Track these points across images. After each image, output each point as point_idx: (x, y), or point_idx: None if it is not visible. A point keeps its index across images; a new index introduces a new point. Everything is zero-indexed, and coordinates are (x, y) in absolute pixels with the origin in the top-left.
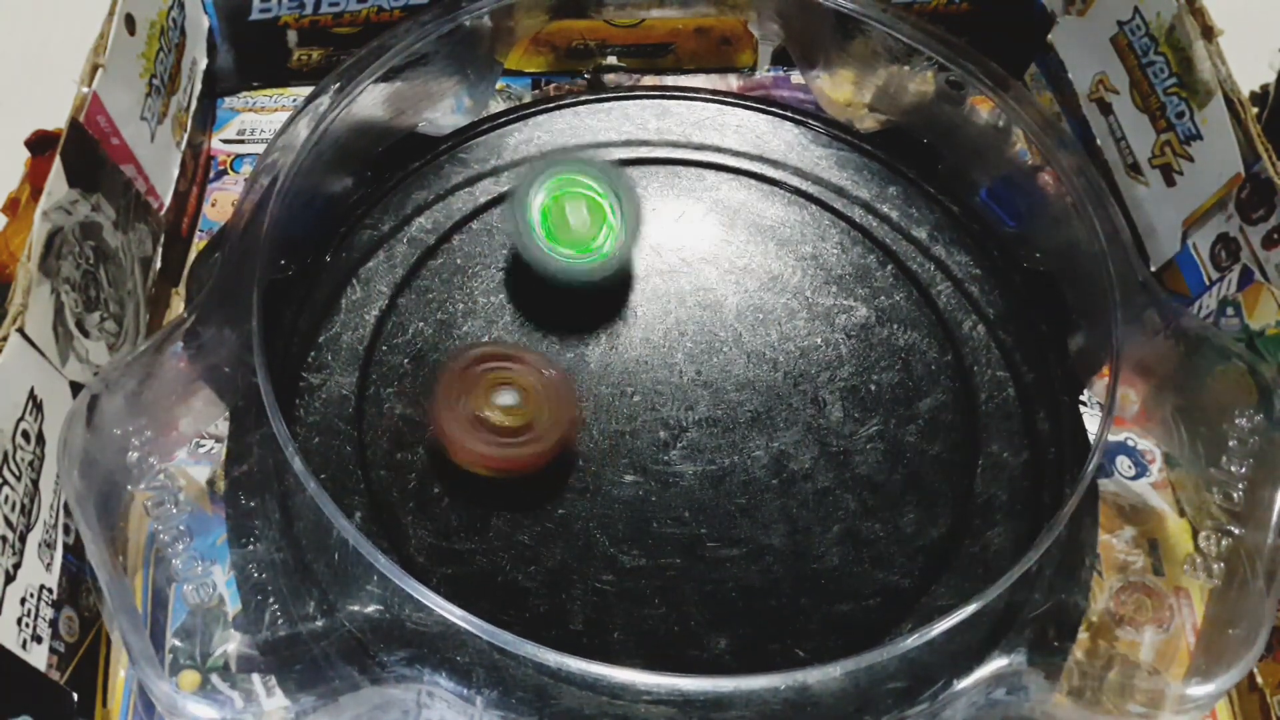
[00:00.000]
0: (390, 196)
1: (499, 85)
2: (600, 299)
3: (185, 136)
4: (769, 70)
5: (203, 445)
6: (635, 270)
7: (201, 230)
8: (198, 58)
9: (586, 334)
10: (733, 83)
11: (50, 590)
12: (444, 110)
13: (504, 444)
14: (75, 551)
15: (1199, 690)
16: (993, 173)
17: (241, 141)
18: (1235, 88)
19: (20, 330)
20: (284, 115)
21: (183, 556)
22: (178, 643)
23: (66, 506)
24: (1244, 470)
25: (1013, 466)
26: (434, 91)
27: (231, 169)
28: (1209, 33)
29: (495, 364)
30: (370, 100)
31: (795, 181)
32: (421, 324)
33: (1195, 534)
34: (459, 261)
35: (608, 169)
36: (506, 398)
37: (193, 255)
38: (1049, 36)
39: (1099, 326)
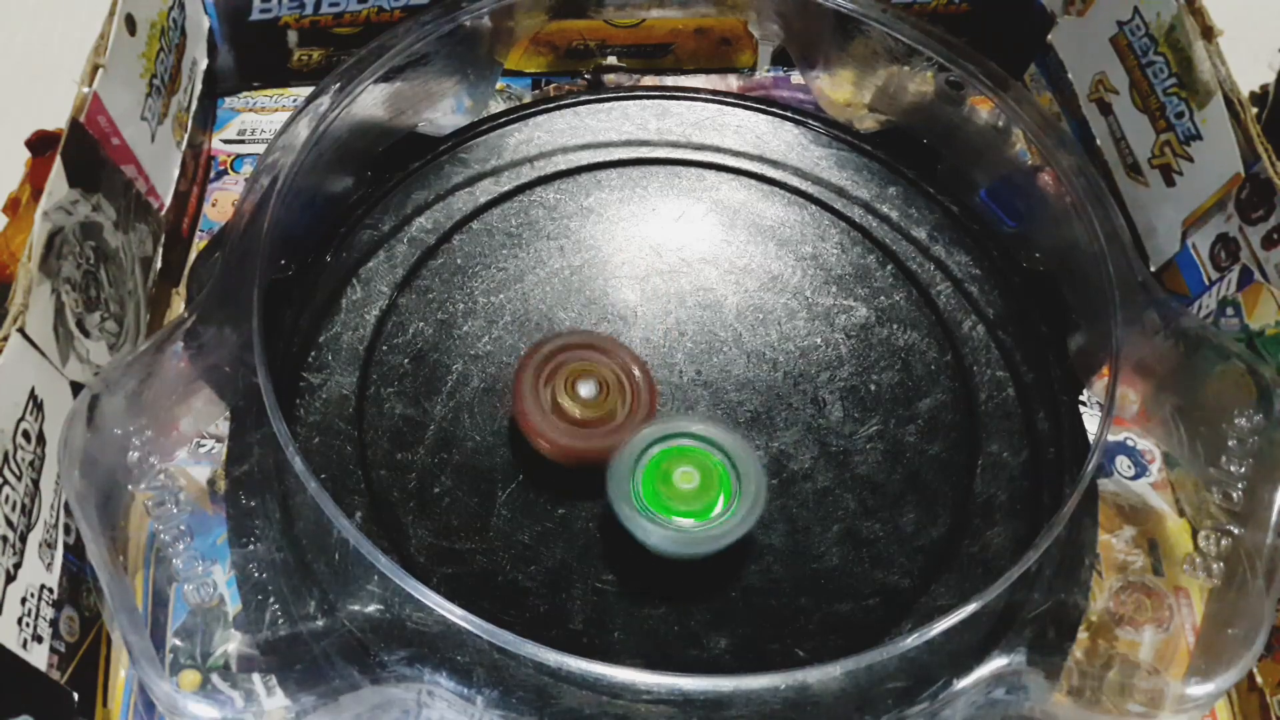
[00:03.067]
0: (390, 196)
1: (499, 85)
2: (601, 299)
3: (186, 136)
4: (769, 70)
5: (203, 445)
6: (635, 270)
7: (202, 230)
8: (198, 58)
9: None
10: (733, 83)
11: (51, 590)
12: (444, 110)
13: (583, 434)
14: (76, 551)
15: (1199, 690)
16: (992, 173)
17: (242, 141)
18: (1235, 88)
19: (21, 330)
20: (284, 115)
21: (183, 556)
22: (178, 642)
23: (67, 506)
24: (1244, 470)
25: (1012, 466)
26: (434, 91)
27: (232, 169)
28: (1209, 33)
29: (577, 353)
30: (370, 100)
31: (795, 181)
32: (421, 324)
33: (1195, 534)
34: (459, 261)
35: (716, 430)
36: (586, 388)
37: (193, 255)
38: (1049, 36)
39: (1099, 326)
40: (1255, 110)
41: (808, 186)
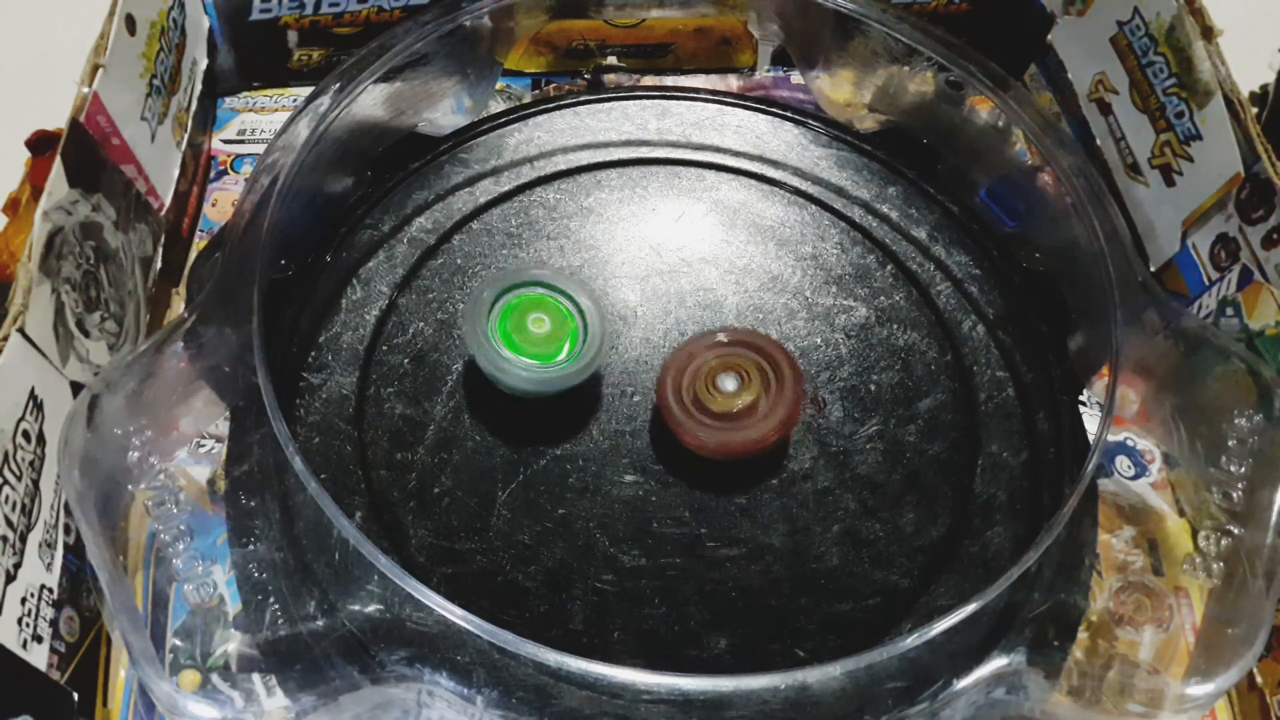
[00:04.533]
0: (390, 196)
1: (499, 85)
2: (601, 299)
3: (186, 136)
4: (769, 70)
5: (203, 445)
6: (635, 270)
7: (202, 230)
8: (198, 58)
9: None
10: (733, 83)
11: (51, 590)
12: (444, 110)
13: (725, 428)
14: (76, 551)
15: (1198, 690)
16: (992, 173)
17: (242, 141)
18: (1235, 88)
19: (21, 330)
20: (284, 115)
21: (183, 556)
22: (178, 642)
23: (67, 506)
24: (1244, 470)
25: (1012, 466)
26: (434, 91)
27: (232, 169)
28: (1209, 33)
29: (721, 349)
30: (370, 100)
31: (795, 181)
32: (421, 324)
33: (1195, 534)
34: (459, 261)
35: (563, 276)
36: (728, 382)
37: (193, 255)
38: (1049, 37)
39: (1099, 326)
40: (1255, 110)
41: (808, 186)
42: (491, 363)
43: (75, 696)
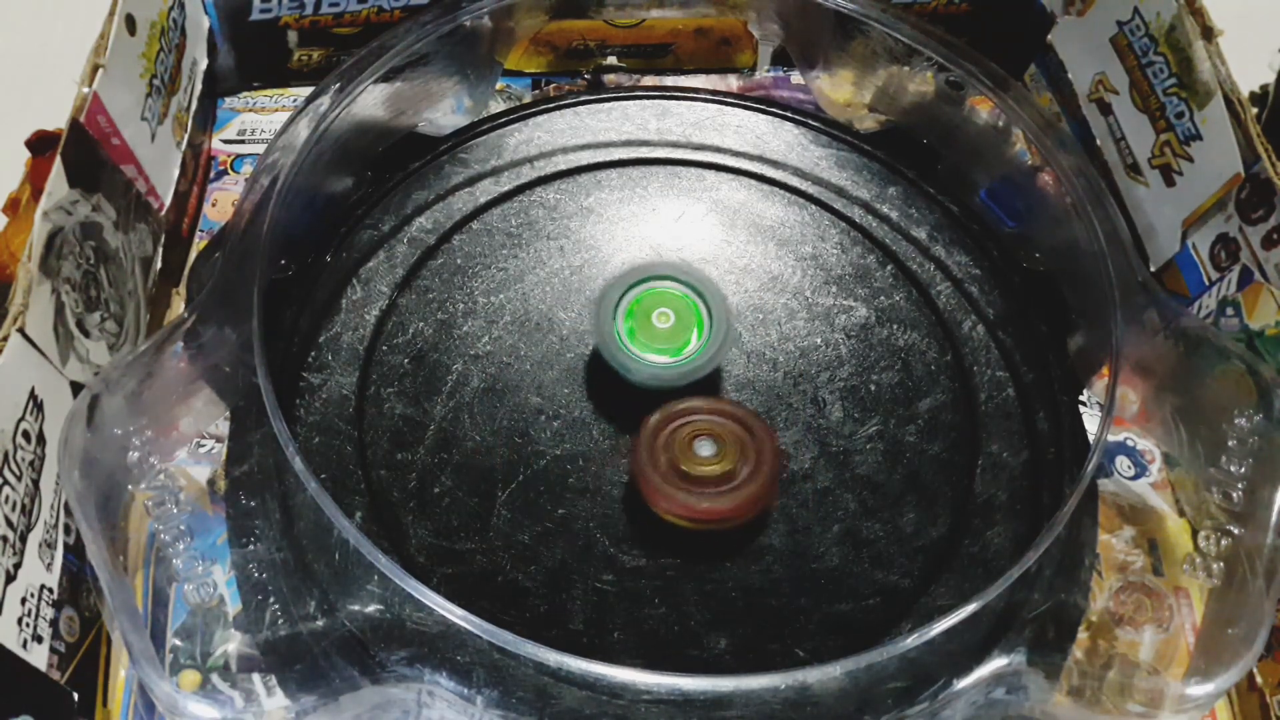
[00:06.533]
0: (390, 196)
1: (499, 85)
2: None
3: (186, 137)
4: (769, 70)
5: (203, 445)
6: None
7: (202, 230)
8: (198, 58)
9: (587, 335)
10: (733, 83)
11: (51, 590)
12: (444, 110)
13: (705, 494)
14: (76, 551)
15: (1198, 690)
16: (992, 173)
17: (242, 142)
18: (1235, 88)
19: (21, 330)
20: (284, 115)
21: (183, 556)
22: (178, 642)
23: (67, 506)
24: (1244, 470)
25: (1012, 466)
26: (434, 91)
27: (232, 169)
28: (1209, 33)
29: (694, 417)
30: (370, 100)
31: (795, 181)
32: (421, 324)
33: (1195, 534)
34: (459, 261)
35: (690, 270)
36: (705, 448)
37: (193, 255)
38: (1049, 37)
39: (1099, 326)
40: (1255, 110)
41: (808, 186)
42: (620, 363)
43: (75, 696)
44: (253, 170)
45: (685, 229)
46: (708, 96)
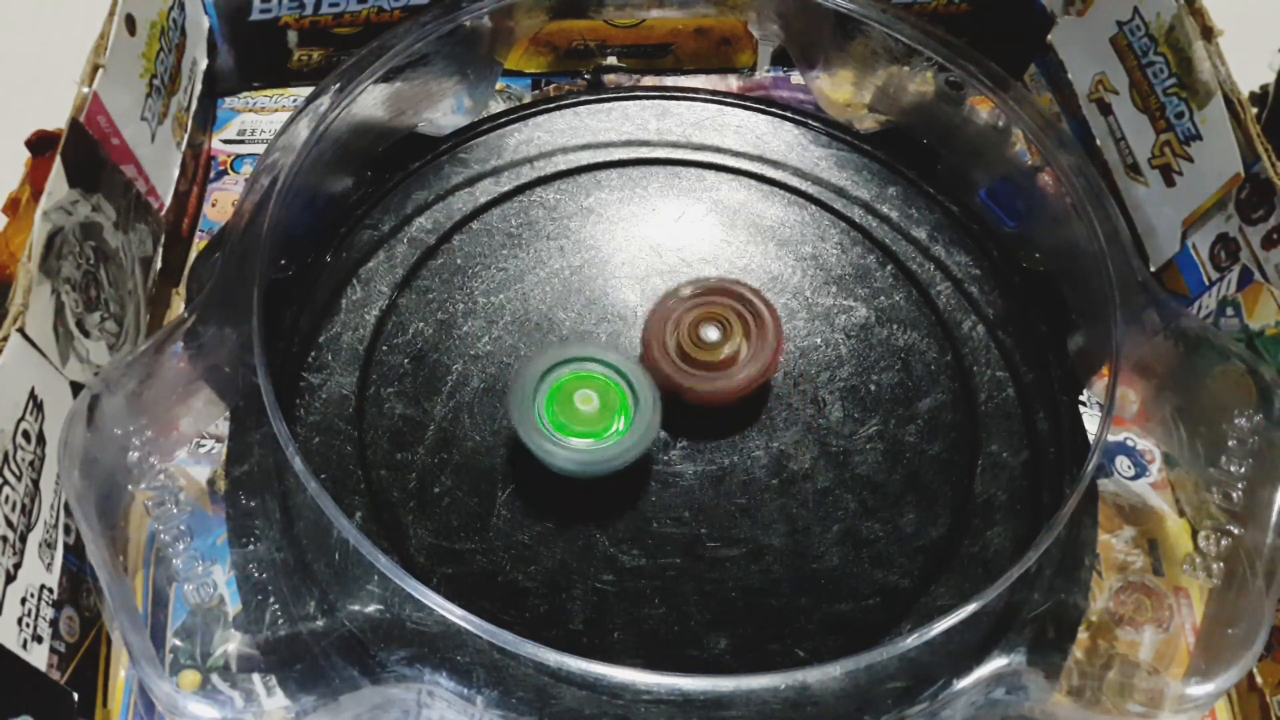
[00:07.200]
0: (390, 196)
1: (499, 85)
2: (601, 299)
3: (186, 137)
4: (769, 70)
5: (203, 445)
6: (635, 270)
7: (202, 230)
8: (198, 58)
9: (588, 335)
10: (733, 83)
11: (51, 590)
12: (444, 110)
13: (707, 377)
14: (76, 551)
15: (1198, 690)
16: (992, 173)
17: (242, 142)
18: (1235, 88)
19: (21, 330)
20: (284, 115)
21: (183, 556)
22: (178, 642)
23: (67, 506)
24: (1243, 470)
25: (1012, 466)
26: (434, 91)
27: (232, 169)
28: (1209, 33)
29: (704, 298)
30: (370, 100)
31: (795, 181)
32: (421, 324)
33: (1195, 534)
34: (459, 261)
35: (606, 353)
36: (710, 332)
37: (193, 255)
38: (1049, 37)
39: (1099, 326)
40: (1255, 110)
41: (808, 186)
42: (540, 447)
43: (75, 696)
44: (253, 170)
45: (685, 229)
46: (708, 96)
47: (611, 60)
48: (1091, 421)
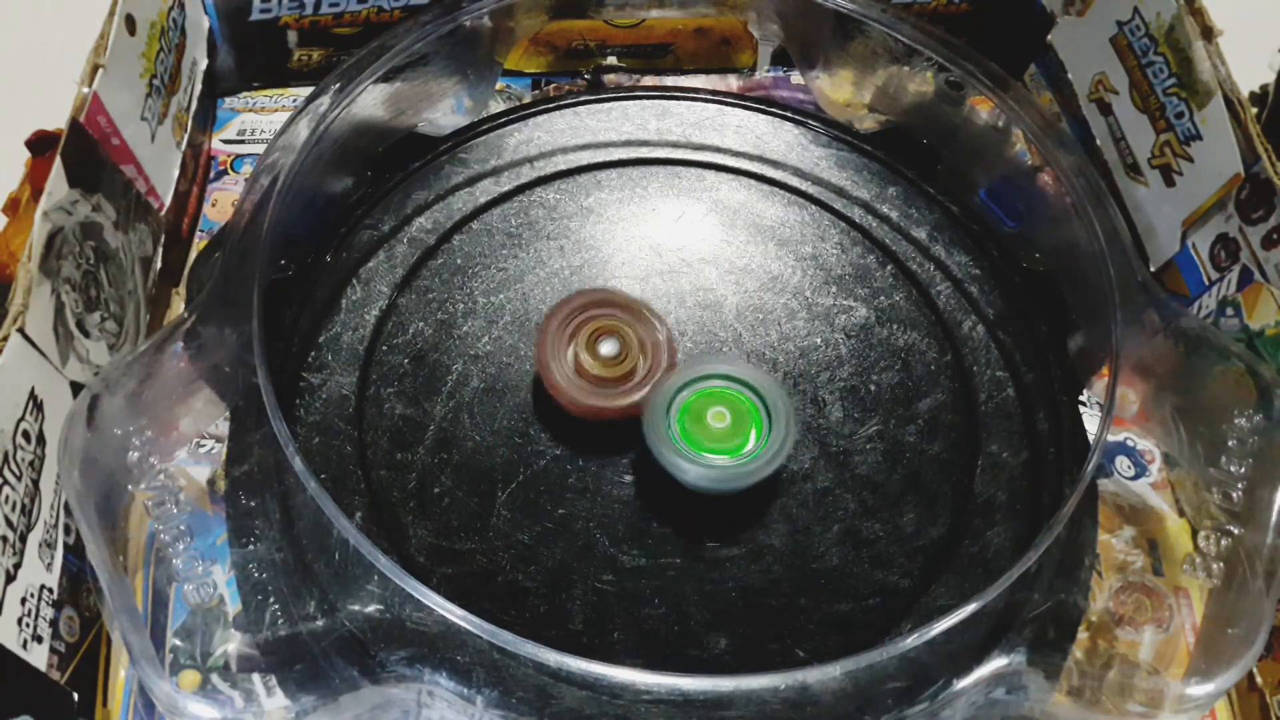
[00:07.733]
0: (390, 196)
1: (499, 85)
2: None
3: (185, 137)
4: (769, 70)
5: (203, 445)
6: (635, 270)
7: (202, 230)
8: (198, 58)
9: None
10: (733, 83)
11: (51, 590)
12: (444, 110)
13: (606, 393)
14: (76, 551)
15: (1198, 690)
16: (992, 173)
17: (242, 142)
18: (1235, 88)
19: (21, 330)
20: (284, 115)
21: (183, 556)
22: (178, 642)
23: (67, 506)
24: (1243, 470)
25: (1012, 466)
26: (434, 91)
27: (232, 169)
28: (1209, 33)
29: (598, 311)
30: (370, 100)
31: (795, 181)
32: (421, 324)
33: (1195, 534)
34: (459, 261)
35: (746, 368)
36: (608, 347)
37: (193, 255)
38: (1048, 37)
39: (1099, 326)
40: (1255, 110)
41: (808, 186)
42: (674, 465)
43: (75, 696)
44: (253, 170)
45: (685, 229)
46: (708, 96)
47: (611, 60)
48: (1091, 421)
